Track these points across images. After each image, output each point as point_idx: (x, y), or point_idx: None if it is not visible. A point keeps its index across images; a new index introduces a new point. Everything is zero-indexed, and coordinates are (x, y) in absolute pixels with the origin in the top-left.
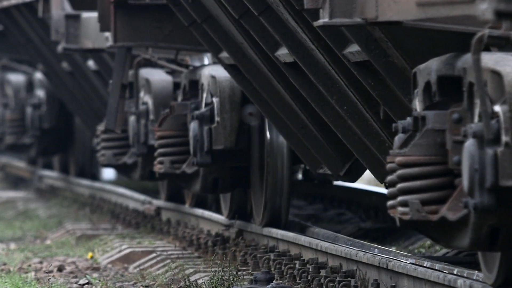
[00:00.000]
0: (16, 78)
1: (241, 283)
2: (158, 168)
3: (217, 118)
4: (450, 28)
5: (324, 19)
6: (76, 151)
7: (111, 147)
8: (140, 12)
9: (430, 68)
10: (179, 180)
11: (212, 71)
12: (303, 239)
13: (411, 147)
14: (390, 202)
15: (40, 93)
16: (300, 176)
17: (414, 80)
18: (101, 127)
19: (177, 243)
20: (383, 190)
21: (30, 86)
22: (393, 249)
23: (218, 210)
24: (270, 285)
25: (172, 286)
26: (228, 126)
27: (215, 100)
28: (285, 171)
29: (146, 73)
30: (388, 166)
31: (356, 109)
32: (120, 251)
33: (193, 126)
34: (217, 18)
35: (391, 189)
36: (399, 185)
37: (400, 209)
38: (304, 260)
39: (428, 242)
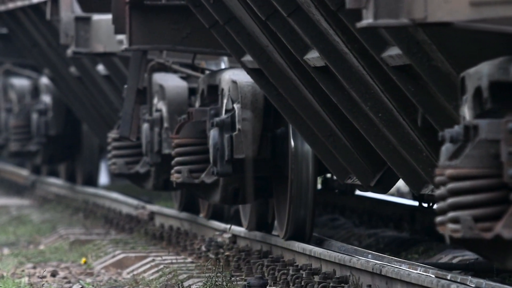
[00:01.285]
0: (20, 82)
1: None
2: (175, 177)
3: (238, 126)
4: (506, 30)
5: (368, 20)
6: (83, 159)
7: (123, 155)
8: (156, 13)
9: (481, 73)
10: (197, 190)
11: (233, 75)
12: (296, 245)
13: (463, 159)
14: (439, 218)
15: (46, 98)
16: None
17: (462, 86)
18: (112, 134)
19: (170, 248)
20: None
21: (35, 91)
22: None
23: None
24: None
25: None
26: (250, 134)
27: (236, 106)
28: (310, 182)
29: (160, 78)
30: (437, 179)
31: (392, 116)
32: (113, 256)
33: (213, 133)
34: (240, 20)
35: (441, 204)
36: (450, 200)
37: (451, 226)
38: (297, 265)
39: (422, 247)
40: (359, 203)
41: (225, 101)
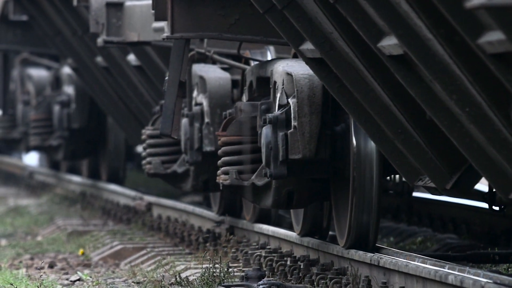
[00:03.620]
0: (38, 73)
1: (232, 280)
2: (222, 179)
3: (294, 123)
4: None
5: (480, 0)
6: (108, 155)
7: (159, 153)
8: None
9: None
10: (247, 194)
11: (287, 67)
12: (294, 236)
13: None
14: None
15: (69, 90)
16: None
17: None
18: (148, 131)
19: (168, 239)
20: None
21: (56, 82)
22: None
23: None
24: (261, 282)
25: (163, 282)
26: (307, 132)
27: (291, 101)
28: (375, 184)
29: (200, 69)
30: None
31: (480, 111)
32: (111, 248)
33: (265, 131)
34: (301, 3)
35: None
36: None
37: None
38: (295, 257)
39: (420, 238)
40: None
41: (278, 95)
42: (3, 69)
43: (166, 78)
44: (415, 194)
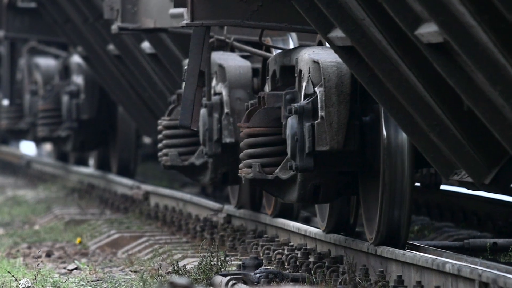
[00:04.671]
0: (46, 62)
1: (229, 268)
2: (245, 172)
3: (321, 113)
4: None
5: None
6: (118, 146)
7: (176, 145)
8: None
9: None
10: (270, 188)
11: (313, 54)
12: (291, 224)
13: None
14: None
15: (78, 79)
16: None
17: None
18: (164, 121)
19: (165, 228)
20: None
21: (65, 71)
22: None
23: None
24: (258, 270)
25: (160, 271)
26: (334, 123)
27: (318, 90)
28: (406, 178)
29: (219, 57)
30: None
31: None
32: (108, 236)
33: (291, 122)
34: None
35: None
36: None
37: None
38: (292, 245)
39: (416, 227)
40: None
41: (304, 84)
42: (10, 58)
43: (185, 67)
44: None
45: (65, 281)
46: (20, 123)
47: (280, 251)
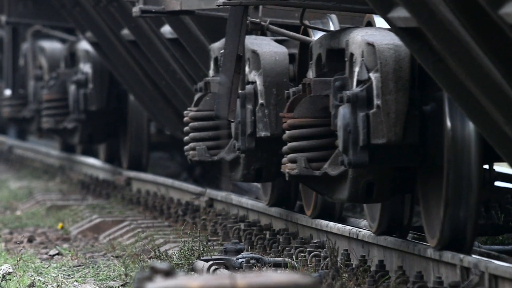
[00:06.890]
0: (52, 46)
1: (211, 253)
2: (289, 168)
3: (376, 101)
4: None
5: None
6: (129, 139)
7: (204, 138)
8: None
9: None
10: (318, 185)
11: (367, 36)
12: (273, 210)
13: None
14: None
15: (86, 68)
16: None
17: None
18: (191, 112)
19: (147, 213)
20: None
21: (71, 58)
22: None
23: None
24: (240, 255)
25: (142, 256)
26: (392, 112)
27: (373, 76)
28: (474, 174)
29: (252, 42)
30: None
31: None
32: (90, 221)
33: (343, 111)
34: None
35: None
36: None
37: None
38: (274, 230)
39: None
40: None
41: (356, 69)
42: (12, 44)
43: (221, 52)
44: None
45: (47, 267)
46: (23, 111)
47: (262, 236)
